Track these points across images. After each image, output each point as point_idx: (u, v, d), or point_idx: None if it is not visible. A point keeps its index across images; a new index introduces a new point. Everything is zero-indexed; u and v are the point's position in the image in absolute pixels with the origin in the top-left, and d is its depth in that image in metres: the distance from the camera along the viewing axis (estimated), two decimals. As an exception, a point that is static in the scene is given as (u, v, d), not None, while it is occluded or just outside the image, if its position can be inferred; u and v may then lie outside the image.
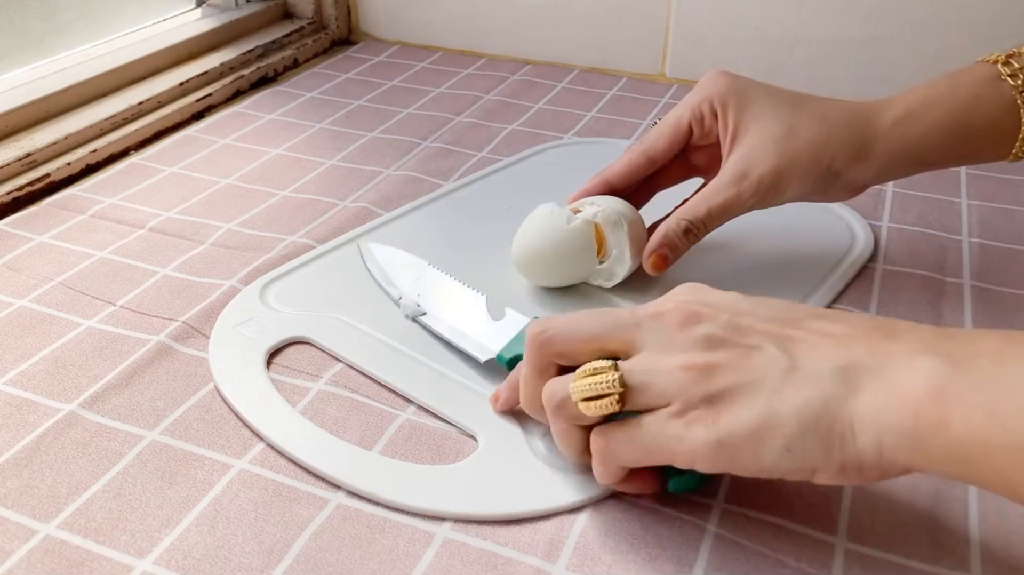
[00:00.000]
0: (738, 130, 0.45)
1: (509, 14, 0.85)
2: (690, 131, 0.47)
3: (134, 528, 0.35)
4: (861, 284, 0.50)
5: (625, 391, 0.31)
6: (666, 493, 0.35)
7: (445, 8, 0.88)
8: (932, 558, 0.34)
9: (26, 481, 0.37)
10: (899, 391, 0.28)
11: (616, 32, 0.82)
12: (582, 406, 0.32)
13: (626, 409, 0.32)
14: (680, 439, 0.30)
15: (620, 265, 0.47)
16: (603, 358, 0.33)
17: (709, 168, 0.49)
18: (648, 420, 0.31)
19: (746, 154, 0.44)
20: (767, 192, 0.44)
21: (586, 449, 0.34)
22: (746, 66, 0.78)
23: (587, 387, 0.32)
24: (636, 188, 0.50)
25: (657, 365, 0.31)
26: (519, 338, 0.42)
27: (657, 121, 0.49)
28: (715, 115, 0.46)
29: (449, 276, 0.48)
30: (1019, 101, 0.42)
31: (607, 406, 0.32)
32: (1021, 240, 0.55)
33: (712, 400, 0.30)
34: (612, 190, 0.49)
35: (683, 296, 0.34)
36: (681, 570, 0.33)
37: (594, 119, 0.73)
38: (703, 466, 0.31)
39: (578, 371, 0.33)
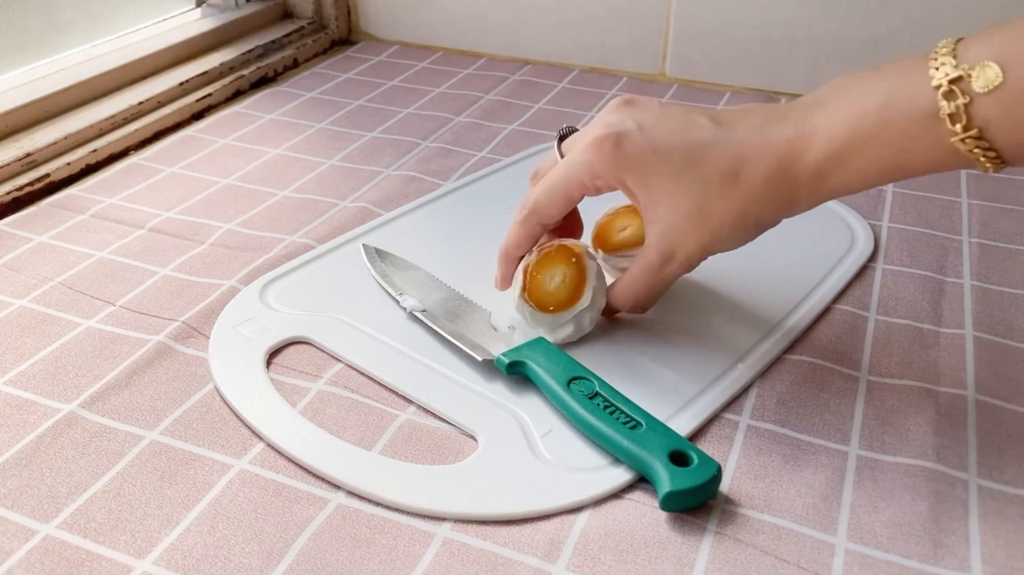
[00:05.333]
0: (648, 206, 0.41)
1: (509, 14, 0.85)
2: (583, 197, 0.43)
3: (134, 528, 0.35)
4: (861, 284, 0.50)
5: None
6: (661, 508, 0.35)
7: (445, 8, 0.88)
8: (932, 558, 0.34)
9: (26, 481, 0.37)
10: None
11: (616, 32, 0.82)
12: None
13: None
14: None
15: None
16: None
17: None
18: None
19: (665, 233, 0.40)
20: (698, 263, 0.42)
21: None
22: (746, 66, 0.78)
23: None
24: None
25: None
26: (524, 347, 0.42)
27: (566, 128, 0.45)
28: (614, 188, 0.42)
29: (455, 290, 0.48)
30: (964, 149, 0.34)
31: None
32: (1021, 240, 0.55)
33: None
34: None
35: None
36: (681, 570, 0.33)
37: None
38: None
39: None
